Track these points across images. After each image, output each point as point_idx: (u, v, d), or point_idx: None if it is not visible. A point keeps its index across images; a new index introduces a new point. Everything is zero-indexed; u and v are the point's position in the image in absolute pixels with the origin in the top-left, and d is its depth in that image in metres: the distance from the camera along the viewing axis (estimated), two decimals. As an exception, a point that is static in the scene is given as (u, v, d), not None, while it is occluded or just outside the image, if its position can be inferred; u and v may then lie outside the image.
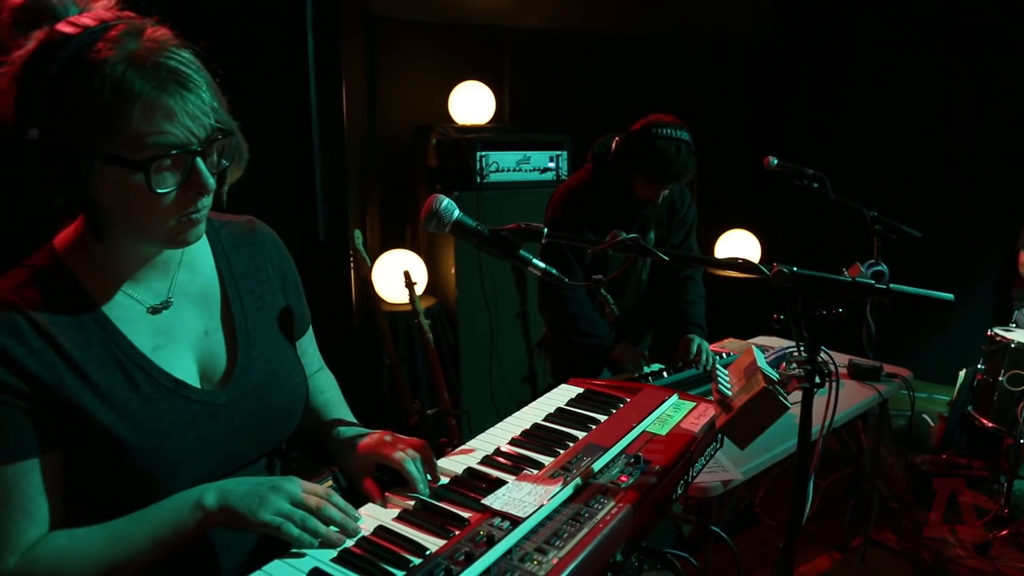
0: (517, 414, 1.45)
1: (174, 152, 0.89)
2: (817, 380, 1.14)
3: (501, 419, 1.40)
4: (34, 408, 0.92)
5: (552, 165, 3.80)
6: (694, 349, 2.48)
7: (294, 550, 0.99)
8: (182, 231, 0.97)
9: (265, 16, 2.77)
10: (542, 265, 1.23)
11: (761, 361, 1.22)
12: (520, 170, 3.70)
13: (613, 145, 2.48)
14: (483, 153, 3.57)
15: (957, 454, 3.54)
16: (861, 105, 4.67)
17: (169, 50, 0.89)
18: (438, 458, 1.24)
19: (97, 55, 0.85)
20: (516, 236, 1.22)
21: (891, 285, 1.09)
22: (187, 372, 1.05)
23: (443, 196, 1.21)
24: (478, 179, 3.56)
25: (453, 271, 3.64)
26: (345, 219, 3.19)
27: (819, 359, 1.14)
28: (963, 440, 3.56)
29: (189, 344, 1.06)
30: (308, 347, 1.32)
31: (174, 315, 1.05)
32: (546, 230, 1.22)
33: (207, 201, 0.97)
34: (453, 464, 1.24)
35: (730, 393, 1.20)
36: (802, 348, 1.15)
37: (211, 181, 0.94)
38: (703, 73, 4.77)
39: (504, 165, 3.65)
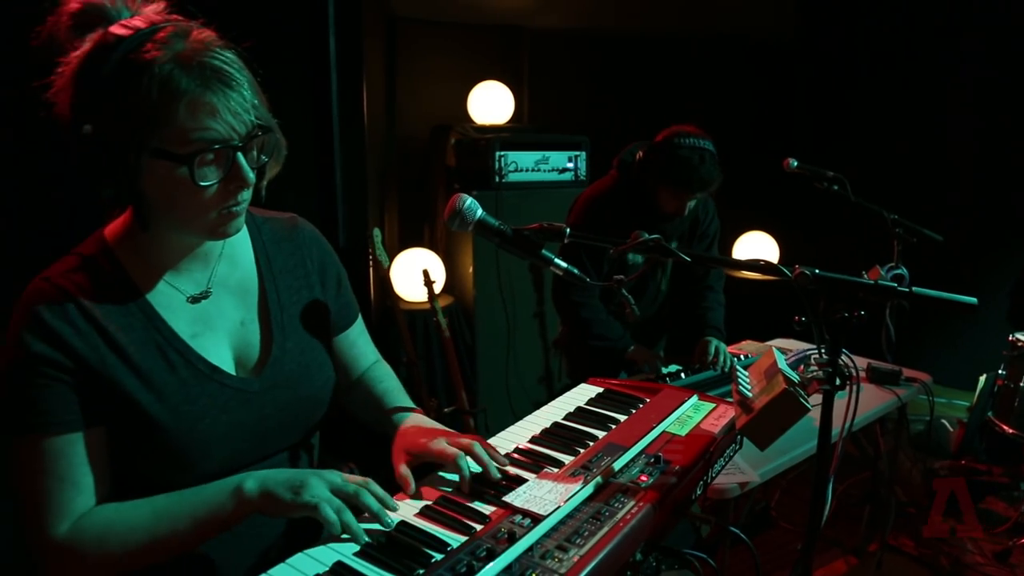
0: (537, 412, 1.45)
1: (216, 147, 0.95)
2: (838, 383, 1.14)
3: (517, 418, 1.42)
4: (79, 385, 0.98)
5: (571, 165, 3.81)
6: (712, 351, 2.48)
7: (317, 545, 1.01)
8: (222, 223, 1.02)
9: (288, 16, 2.80)
10: (564, 264, 1.24)
11: (782, 363, 1.23)
12: (539, 170, 3.72)
13: (639, 156, 2.49)
14: (502, 153, 3.58)
15: (976, 460, 3.50)
16: (881, 106, 4.63)
17: (213, 50, 0.94)
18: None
19: (146, 55, 0.91)
20: (538, 236, 1.23)
21: (914, 288, 1.09)
22: (223, 359, 1.10)
23: (466, 195, 1.22)
24: (497, 179, 3.57)
25: (471, 270, 3.65)
26: (364, 218, 3.21)
27: (840, 362, 1.15)
28: (983, 446, 3.52)
29: (226, 333, 1.12)
30: (358, 338, 1.36)
31: (213, 305, 1.11)
32: (568, 230, 1.23)
33: (247, 195, 1.03)
34: (471, 463, 1.24)
35: (750, 394, 1.20)
36: (823, 350, 1.15)
37: (251, 175, 1.00)
38: (723, 73, 4.76)
39: (523, 165, 3.66)
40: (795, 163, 2.76)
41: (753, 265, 1.21)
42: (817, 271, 1.13)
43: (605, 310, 2.59)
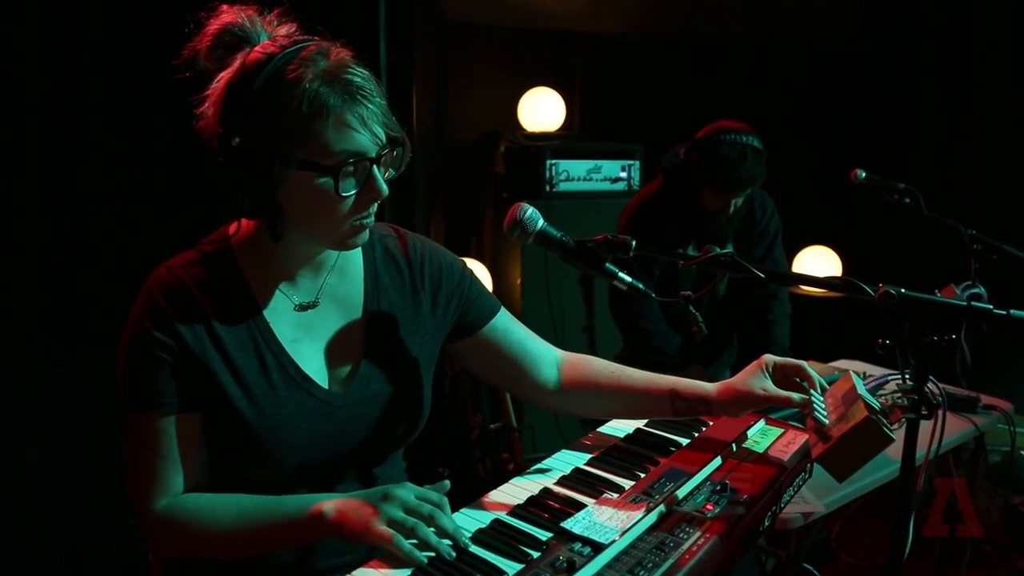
0: (594, 433, 1.43)
1: (356, 160, 1.03)
2: (924, 411, 1.09)
3: (564, 435, 1.40)
4: (183, 370, 1.08)
5: (624, 175, 3.77)
6: None
7: (366, 567, 1.00)
8: (353, 234, 1.10)
9: (337, 21, 2.83)
10: (628, 279, 1.22)
11: (861, 388, 1.18)
12: (591, 179, 3.68)
13: (681, 155, 2.46)
14: (553, 161, 3.57)
15: (1060, 495, 3.34)
16: (954, 115, 4.49)
17: (353, 67, 1.04)
18: (500, 475, 1.24)
19: (293, 72, 1.00)
20: (602, 248, 1.21)
21: (1012, 312, 1.03)
22: (316, 369, 1.16)
23: (527, 205, 1.21)
24: (547, 188, 3.55)
25: (519, 282, 3.64)
26: (412, 227, 3.23)
27: (926, 388, 1.10)
28: (1067, 480, 3.36)
29: (324, 342, 1.18)
30: (511, 323, 1.40)
31: (317, 314, 1.18)
32: (633, 242, 1.20)
33: (375, 207, 1.10)
34: (528, 483, 1.23)
35: (827, 421, 1.16)
36: (907, 376, 1.10)
37: (385, 188, 1.07)
38: (782, 79, 4.67)
39: (574, 174, 3.63)
40: (863, 174, 2.68)
41: (832, 283, 1.16)
42: (903, 291, 1.08)
43: (665, 321, 2.55)
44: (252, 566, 1.14)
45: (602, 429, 1.45)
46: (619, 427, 1.45)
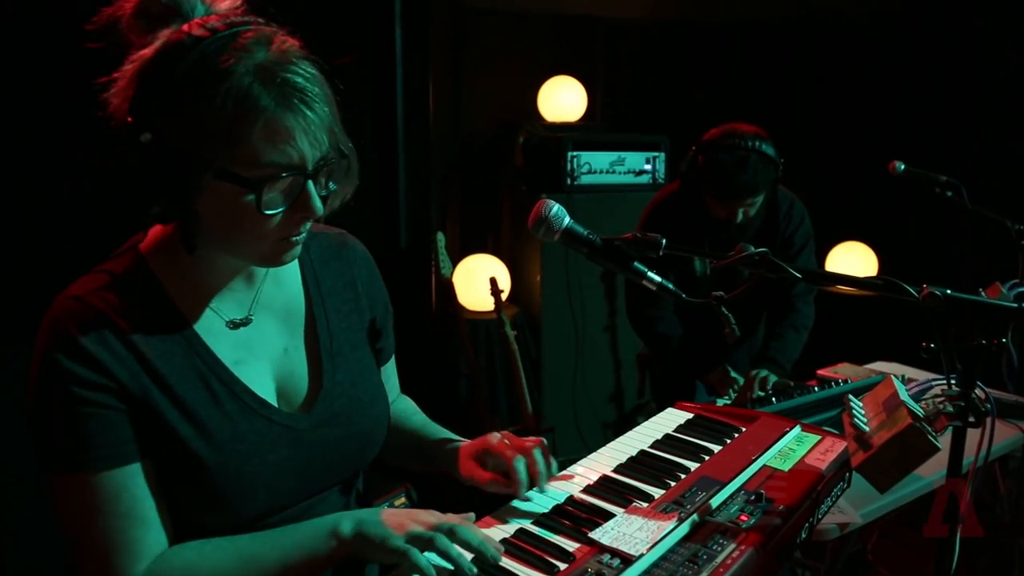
0: (620, 439, 1.42)
1: (286, 175, 0.91)
2: (971, 419, 1.08)
3: (584, 439, 1.40)
4: (121, 411, 0.94)
5: (648, 167, 3.76)
6: (756, 386, 2.31)
7: None
8: (279, 252, 0.99)
9: (352, 5, 2.84)
10: (658, 279, 1.21)
11: (904, 394, 1.17)
12: (614, 172, 3.67)
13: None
14: (574, 153, 3.56)
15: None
16: (999, 103, 4.43)
17: (296, 64, 0.91)
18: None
19: (224, 63, 0.87)
20: (630, 247, 1.20)
21: (1067, 314, 1.02)
22: (266, 390, 1.06)
23: (552, 201, 1.20)
24: (568, 181, 3.55)
25: (538, 278, 3.64)
26: (428, 221, 3.23)
27: (974, 395, 1.09)
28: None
29: (269, 361, 1.07)
30: (391, 376, 1.34)
31: (255, 329, 1.07)
32: (664, 241, 1.20)
33: (309, 225, 0.99)
34: (553, 491, 1.22)
35: (867, 428, 1.15)
36: (953, 381, 1.09)
37: (319, 206, 0.95)
38: (818, 65, 4.63)
39: (596, 166, 3.63)
40: (902, 166, 2.65)
41: (872, 284, 1.15)
42: (949, 292, 1.07)
43: (681, 326, 2.54)
44: None
45: (629, 435, 1.45)
46: (649, 434, 1.45)
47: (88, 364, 0.92)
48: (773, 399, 2.14)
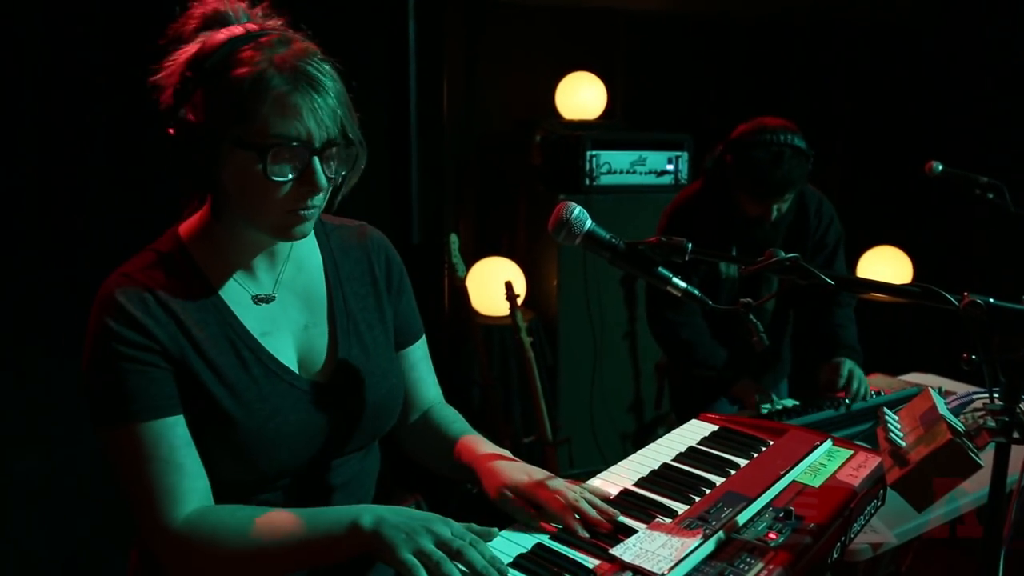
0: (642, 452, 1.43)
1: (294, 144, 1.07)
2: (1016, 435, 1.07)
3: (602, 451, 1.41)
4: (162, 369, 1.11)
5: (671, 167, 3.75)
6: (844, 374, 2.35)
7: None
8: (290, 224, 1.14)
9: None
10: (683, 285, 1.21)
11: (943, 408, 1.16)
12: (634, 172, 3.67)
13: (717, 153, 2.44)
14: (594, 152, 3.56)
15: None
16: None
17: (311, 58, 1.08)
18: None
19: (247, 53, 1.06)
20: (655, 251, 1.20)
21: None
22: (289, 359, 1.22)
23: (573, 204, 1.21)
24: (587, 181, 3.55)
25: (555, 283, 3.64)
26: (440, 222, 3.25)
27: (1019, 409, 1.07)
28: None
29: (291, 335, 1.24)
30: (420, 362, 1.44)
31: (278, 307, 1.24)
32: (690, 245, 1.19)
33: (318, 200, 1.13)
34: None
35: (904, 444, 1.14)
36: (996, 395, 1.08)
37: (323, 180, 1.11)
38: (847, 62, 4.61)
39: (616, 166, 3.63)
40: (940, 167, 2.62)
41: (909, 291, 1.14)
42: (991, 300, 1.06)
43: (708, 330, 2.53)
44: None
45: (651, 447, 1.44)
46: (672, 447, 1.44)
47: (133, 327, 1.09)
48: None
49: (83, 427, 2.23)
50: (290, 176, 1.08)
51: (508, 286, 3.25)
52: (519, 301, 3.32)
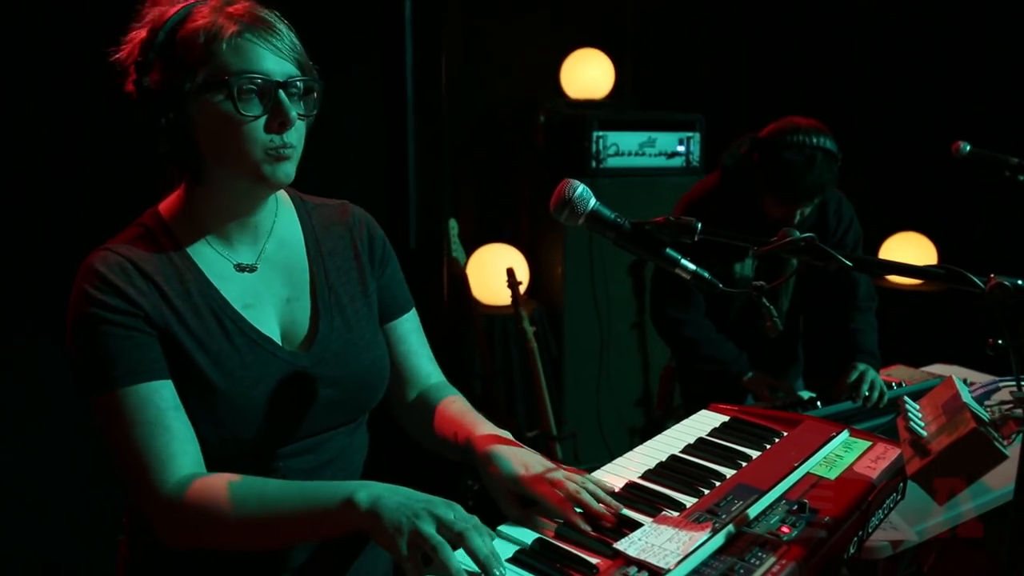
0: (649, 443, 1.43)
1: (258, 79, 1.14)
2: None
3: (608, 446, 1.41)
4: (146, 335, 1.15)
5: (682, 149, 3.74)
6: (857, 377, 2.36)
7: None
8: (269, 162, 1.18)
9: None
10: (692, 267, 1.20)
11: (967, 396, 1.15)
12: (643, 154, 3.66)
13: (742, 152, 2.43)
14: (600, 133, 3.55)
15: None
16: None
17: (261, 9, 1.16)
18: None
19: (199, 11, 1.14)
20: (662, 231, 1.20)
21: None
22: (271, 331, 1.27)
23: (577, 181, 1.20)
24: (593, 164, 3.54)
25: (560, 271, 3.63)
26: (439, 206, 3.24)
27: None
28: None
29: (273, 308, 1.29)
30: (410, 334, 1.46)
31: (260, 279, 1.29)
32: (699, 225, 1.19)
33: (292, 138, 1.19)
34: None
35: (925, 433, 1.13)
36: (1023, 382, 1.08)
37: (293, 113, 1.17)
38: (867, 40, 4.58)
39: (625, 148, 3.61)
40: (967, 148, 2.61)
41: (933, 272, 1.14)
42: (1020, 282, 1.05)
43: (713, 327, 2.53)
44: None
45: (659, 438, 1.44)
46: (680, 438, 1.44)
47: (115, 293, 1.14)
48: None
49: (71, 427, 2.26)
50: (260, 112, 1.14)
51: (510, 274, 3.24)
52: (522, 290, 3.32)
